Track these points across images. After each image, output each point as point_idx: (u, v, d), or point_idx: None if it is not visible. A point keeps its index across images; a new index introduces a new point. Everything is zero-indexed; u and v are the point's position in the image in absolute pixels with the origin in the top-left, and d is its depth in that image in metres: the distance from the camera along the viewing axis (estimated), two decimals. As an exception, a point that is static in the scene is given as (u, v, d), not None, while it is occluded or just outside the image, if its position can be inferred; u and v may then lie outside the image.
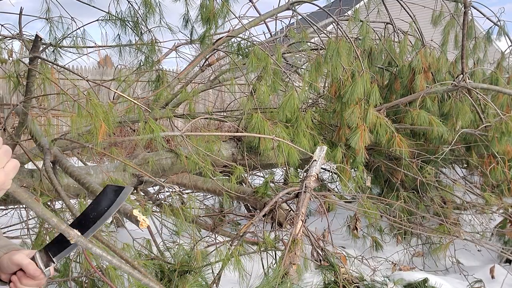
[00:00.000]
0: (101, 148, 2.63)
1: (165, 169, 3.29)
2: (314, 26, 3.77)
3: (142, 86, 4.91)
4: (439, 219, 3.43)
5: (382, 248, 3.67)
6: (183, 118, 3.82)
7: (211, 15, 3.43)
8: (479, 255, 3.67)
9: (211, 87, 4.18)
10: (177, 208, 2.73)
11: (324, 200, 2.93)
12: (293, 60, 4.21)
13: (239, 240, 2.47)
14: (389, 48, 4.15)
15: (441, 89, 3.63)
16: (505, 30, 4.51)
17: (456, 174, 4.19)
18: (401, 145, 3.30)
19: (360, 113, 3.23)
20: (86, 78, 2.68)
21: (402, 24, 4.35)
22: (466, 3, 3.71)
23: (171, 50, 4.04)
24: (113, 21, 3.71)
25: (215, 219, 3.81)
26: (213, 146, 3.22)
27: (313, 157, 2.64)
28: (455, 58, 4.33)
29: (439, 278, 2.87)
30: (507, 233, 3.61)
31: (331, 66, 3.37)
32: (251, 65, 3.23)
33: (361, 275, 2.40)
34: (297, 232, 2.21)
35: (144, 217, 0.80)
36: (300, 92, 3.47)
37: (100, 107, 2.43)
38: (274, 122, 3.22)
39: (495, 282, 3.12)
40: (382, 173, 3.88)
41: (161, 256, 2.51)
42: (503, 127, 3.37)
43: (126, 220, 3.35)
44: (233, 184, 3.02)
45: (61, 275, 2.41)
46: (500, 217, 3.86)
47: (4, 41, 3.44)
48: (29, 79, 2.79)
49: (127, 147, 6.19)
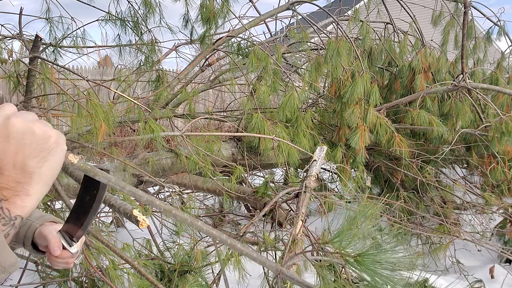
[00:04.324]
0: (101, 148, 2.64)
1: (165, 169, 3.29)
2: (314, 26, 3.77)
3: (142, 86, 4.91)
4: (439, 219, 3.43)
5: (382, 248, 3.66)
6: (183, 118, 3.82)
7: (211, 15, 3.43)
8: (479, 255, 3.67)
9: (211, 87, 4.18)
10: (177, 208, 2.73)
11: (324, 200, 2.93)
12: (293, 60, 4.21)
13: (239, 240, 2.46)
14: (389, 48, 4.15)
15: (441, 89, 3.63)
16: (505, 30, 4.51)
17: (456, 174, 4.19)
18: (401, 145, 3.30)
19: (360, 113, 3.23)
20: (86, 78, 2.68)
21: (402, 24, 4.35)
22: (466, 3, 3.71)
23: (171, 50, 4.04)
24: (113, 21, 3.71)
25: (215, 219, 3.82)
26: (213, 146, 3.22)
27: (313, 157, 2.64)
28: (455, 58, 4.33)
29: (439, 278, 2.87)
30: (507, 233, 3.61)
31: (331, 66, 3.37)
32: (251, 65, 3.23)
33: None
34: (297, 232, 2.21)
35: (144, 217, 0.80)
36: (300, 92, 3.47)
37: (100, 107, 2.43)
38: (274, 122, 3.22)
39: (495, 282, 3.12)
40: (382, 173, 3.88)
41: (161, 256, 2.51)
42: (503, 127, 3.36)
43: (126, 220, 3.35)
44: (233, 184, 3.02)
45: (61, 275, 2.41)
46: (500, 217, 3.86)
47: (4, 41, 3.44)
48: (29, 79, 2.80)
49: (127, 147, 6.19)
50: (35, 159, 0.70)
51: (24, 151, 0.69)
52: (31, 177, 0.69)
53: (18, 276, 2.76)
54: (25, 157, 0.69)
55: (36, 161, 0.70)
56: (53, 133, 0.72)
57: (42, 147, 0.70)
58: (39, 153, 0.70)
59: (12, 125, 0.68)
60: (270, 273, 2.39)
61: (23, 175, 0.69)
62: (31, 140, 0.69)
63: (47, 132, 0.71)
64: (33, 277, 2.72)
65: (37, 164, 0.70)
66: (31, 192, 0.70)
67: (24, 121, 0.69)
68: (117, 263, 2.27)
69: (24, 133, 0.69)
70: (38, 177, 0.70)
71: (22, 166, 0.69)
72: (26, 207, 0.70)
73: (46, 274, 2.64)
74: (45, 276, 2.62)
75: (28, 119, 0.70)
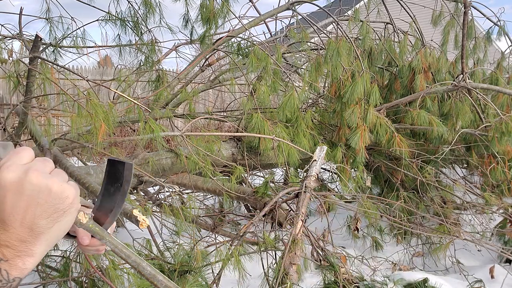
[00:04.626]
0: (101, 148, 2.64)
1: (165, 169, 3.29)
2: (314, 26, 3.78)
3: (142, 86, 4.91)
4: (439, 219, 3.43)
5: (382, 248, 3.67)
6: (183, 118, 3.82)
7: (211, 15, 3.43)
8: (479, 255, 3.67)
9: (211, 87, 4.19)
10: (177, 208, 2.73)
11: (324, 200, 2.93)
12: (293, 60, 4.21)
13: (239, 240, 2.47)
14: (389, 48, 4.16)
15: (441, 89, 3.63)
16: (505, 30, 4.51)
17: (456, 174, 4.19)
18: (401, 145, 3.30)
19: (360, 113, 3.23)
20: (86, 78, 2.68)
21: (402, 24, 4.36)
22: (466, 3, 3.71)
23: (171, 50, 4.04)
24: (113, 21, 3.71)
25: (215, 219, 3.82)
26: (213, 146, 3.22)
27: (313, 157, 2.64)
28: (455, 58, 4.34)
29: (439, 278, 2.87)
30: (507, 233, 3.61)
31: (331, 66, 3.37)
32: (251, 65, 3.23)
33: (361, 275, 2.41)
34: (297, 232, 2.21)
35: (144, 217, 0.80)
36: (300, 92, 3.47)
37: (100, 107, 2.43)
38: (274, 122, 3.22)
39: (495, 282, 3.12)
40: (382, 173, 3.88)
41: (161, 256, 2.51)
42: (503, 127, 3.37)
43: (126, 220, 3.35)
44: (233, 184, 3.02)
45: (61, 275, 2.41)
46: (500, 217, 3.86)
47: (4, 41, 3.44)
48: (29, 79, 2.80)
49: (127, 147, 6.19)
50: (47, 220, 0.64)
51: (35, 210, 0.62)
52: (38, 238, 0.64)
53: (18, 276, 2.76)
54: (36, 216, 0.63)
55: (47, 221, 0.64)
56: (71, 193, 0.66)
57: (56, 208, 0.64)
58: (52, 214, 0.64)
59: (28, 182, 0.61)
60: (270, 273, 2.39)
61: (30, 234, 0.63)
62: (46, 200, 0.63)
63: (64, 192, 0.65)
64: (33, 277, 2.72)
65: (48, 224, 0.64)
66: (35, 253, 0.64)
67: (43, 176, 0.63)
68: (117, 263, 2.27)
69: (40, 192, 0.62)
70: (45, 237, 0.64)
71: (31, 225, 0.62)
72: (27, 269, 0.64)
73: (46, 274, 2.64)
74: (45, 276, 2.62)
75: (46, 174, 0.64)
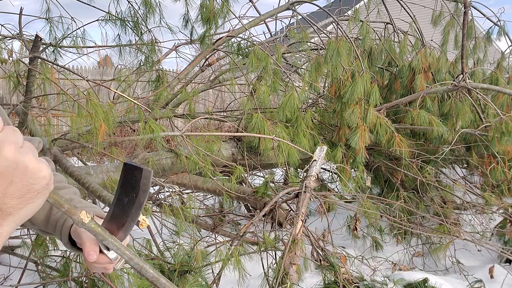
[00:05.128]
0: (101, 148, 2.64)
1: (165, 169, 3.29)
2: (314, 26, 3.77)
3: (142, 86, 4.91)
4: (439, 219, 3.43)
5: (382, 248, 3.67)
6: (183, 118, 3.82)
7: (211, 15, 3.43)
8: (479, 255, 3.67)
9: (211, 87, 4.19)
10: (177, 208, 2.73)
11: (324, 200, 2.93)
12: (293, 60, 4.21)
13: (239, 240, 2.47)
14: (389, 48, 4.15)
15: (441, 89, 3.63)
16: (505, 30, 4.51)
17: (456, 174, 4.19)
18: (401, 145, 3.30)
19: (360, 113, 3.23)
20: (86, 78, 2.68)
21: (402, 24, 4.35)
22: (466, 3, 3.71)
23: (171, 50, 4.04)
24: (113, 21, 3.71)
25: (215, 219, 3.82)
26: (213, 146, 3.22)
27: (313, 157, 2.64)
28: (455, 58, 4.33)
29: (439, 278, 2.87)
30: (507, 233, 3.61)
31: (331, 66, 3.37)
32: (251, 65, 3.23)
33: (361, 275, 2.41)
34: (297, 232, 2.21)
35: (144, 217, 0.80)
36: (300, 92, 3.47)
37: (100, 107, 2.43)
38: (274, 122, 3.22)
39: (495, 282, 3.12)
40: (382, 173, 3.88)
41: (161, 256, 2.51)
42: (503, 127, 3.37)
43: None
44: (233, 184, 3.02)
45: (61, 275, 2.41)
46: (500, 217, 3.86)
47: (4, 41, 3.44)
48: (29, 79, 2.80)
49: (127, 147, 6.19)
50: (18, 200, 0.58)
51: (8, 188, 0.57)
52: (6, 219, 0.58)
53: (18, 276, 2.76)
54: (7, 195, 0.57)
55: (18, 202, 0.58)
56: (47, 173, 0.60)
57: (30, 188, 0.58)
58: (24, 194, 0.58)
59: (3, 157, 0.56)
60: (270, 273, 2.39)
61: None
62: (21, 179, 0.57)
63: (41, 172, 0.59)
64: (33, 277, 2.72)
65: (18, 205, 0.58)
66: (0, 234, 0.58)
67: (19, 152, 0.57)
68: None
69: (15, 169, 0.56)
70: (14, 219, 0.59)
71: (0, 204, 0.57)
72: None
73: (46, 274, 2.64)
74: (45, 276, 2.62)
75: (22, 149, 0.57)
